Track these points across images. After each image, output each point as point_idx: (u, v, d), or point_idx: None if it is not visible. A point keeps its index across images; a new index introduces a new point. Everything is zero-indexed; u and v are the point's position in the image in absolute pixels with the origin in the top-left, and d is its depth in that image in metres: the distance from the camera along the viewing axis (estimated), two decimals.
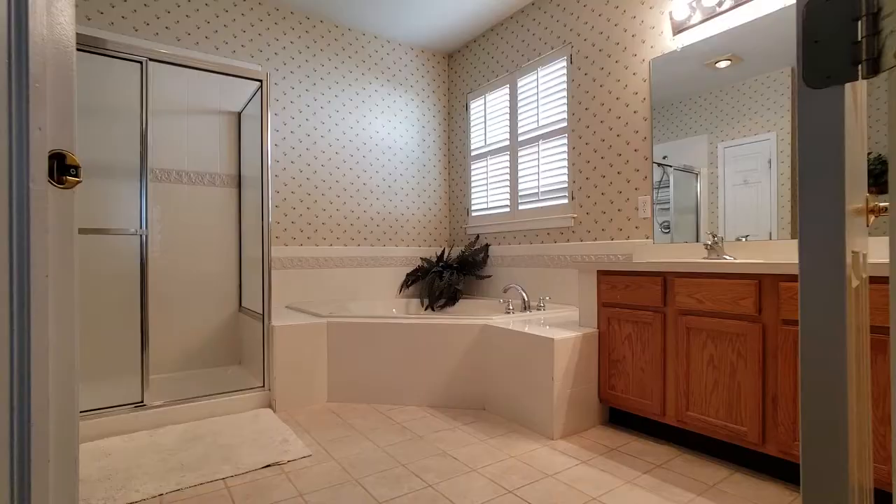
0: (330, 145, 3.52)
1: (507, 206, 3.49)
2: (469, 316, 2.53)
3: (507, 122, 3.49)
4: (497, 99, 3.61)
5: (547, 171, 3.17)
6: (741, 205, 2.20)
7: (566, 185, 3.03)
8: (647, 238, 2.56)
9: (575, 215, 2.96)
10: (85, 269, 2.61)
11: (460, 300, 3.57)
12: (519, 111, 3.39)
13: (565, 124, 3.04)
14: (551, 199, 3.14)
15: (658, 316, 1.94)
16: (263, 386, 2.44)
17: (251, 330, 2.84)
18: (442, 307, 3.56)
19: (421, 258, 3.90)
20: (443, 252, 3.86)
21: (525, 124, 3.33)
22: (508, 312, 2.80)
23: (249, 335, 2.89)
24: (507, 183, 3.48)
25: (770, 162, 2.11)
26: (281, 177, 3.31)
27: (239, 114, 3.15)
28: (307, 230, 3.41)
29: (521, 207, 3.37)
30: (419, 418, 2.28)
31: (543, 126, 3.19)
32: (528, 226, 3.29)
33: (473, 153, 3.84)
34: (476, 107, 3.83)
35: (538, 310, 2.85)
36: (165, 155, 2.88)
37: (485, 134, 3.71)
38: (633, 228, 2.64)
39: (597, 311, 2.21)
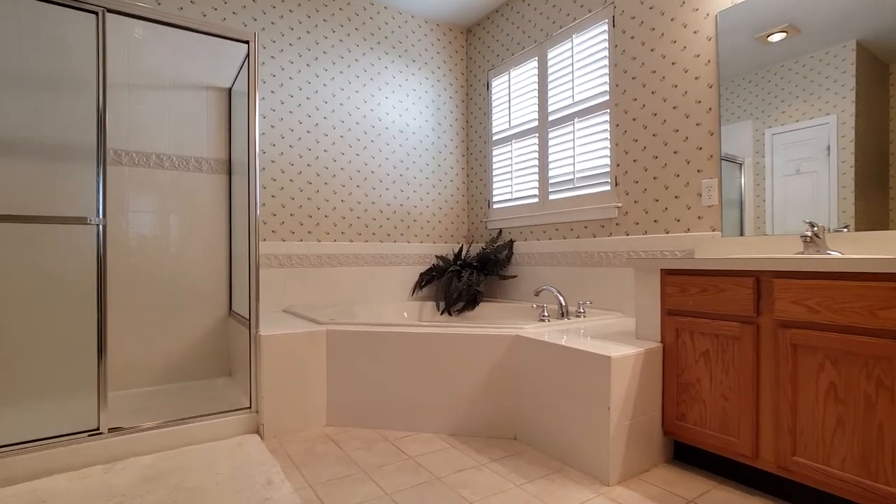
0: (334, 128, 3.11)
1: (534, 195, 3.05)
2: (495, 324, 2.09)
3: (536, 100, 3.04)
4: (523, 74, 3.17)
5: (584, 153, 2.72)
6: (793, 196, 1.89)
7: (608, 168, 2.58)
8: (714, 230, 2.10)
9: (620, 204, 2.51)
10: (40, 267, 2.22)
11: (481, 303, 3.14)
12: (550, 87, 2.95)
13: (606, 98, 2.59)
14: (590, 186, 2.69)
15: (748, 328, 1.48)
16: (250, 407, 2.04)
17: (240, 338, 2.45)
18: (460, 311, 3.13)
19: (436, 256, 3.48)
20: (461, 249, 3.43)
21: (557, 101, 2.89)
22: (543, 320, 2.36)
23: (238, 344, 2.50)
24: (536, 169, 3.04)
25: (829, 148, 1.81)
26: (278, 162, 2.92)
27: (229, 90, 2.75)
28: (308, 223, 3.01)
29: (551, 197, 2.93)
30: (437, 451, 1.86)
31: (580, 102, 2.74)
32: (560, 218, 2.84)
33: (496, 137, 3.41)
34: (499, 85, 3.40)
35: (578, 317, 2.41)
36: (143, 136, 2.50)
37: (509, 115, 3.27)
38: (694, 219, 2.19)
39: (660, 321, 1.76)
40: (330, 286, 3.06)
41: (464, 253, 3.55)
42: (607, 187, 2.59)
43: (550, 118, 2.93)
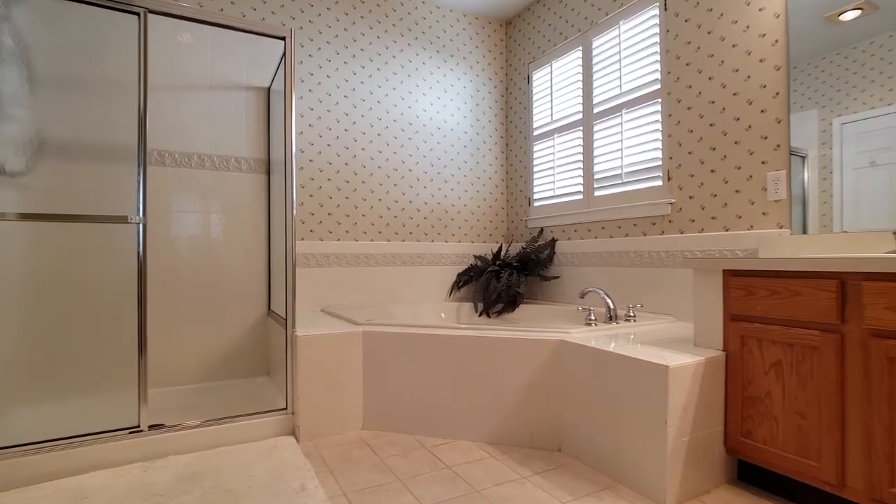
0: (371, 126, 3.07)
1: (578, 192, 2.90)
2: (538, 328, 1.98)
3: (580, 92, 2.89)
4: (566, 66, 3.03)
5: (633, 146, 2.56)
6: (866, 190, 1.68)
7: (660, 162, 2.41)
8: (782, 228, 1.90)
9: (673, 200, 2.34)
10: (85, 266, 2.28)
11: (521, 305, 3.02)
12: (595, 77, 2.79)
13: (658, 87, 2.41)
14: (639, 181, 2.52)
15: (831, 338, 1.31)
16: (286, 408, 2.01)
17: (278, 338, 2.44)
18: (499, 313, 3.02)
19: (474, 256, 3.38)
20: (500, 249, 3.32)
21: (603, 92, 2.73)
22: (589, 324, 2.22)
23: (276, 344, 2.49)
24: (580, 165, 2.89)
25: None
26: (316, 162, 2.90)
27: (268, 89, 2.76)
28: (345, 223, 2.98)
29: (597, 193, 2.77)
30: (475, 461, 1.76)
31: (627, 92, 2.58)
32: (606, 215, 2.68)
33: (537, 132, 3.28)
34: (540, 78, 3.26)
35: (627, 321, 2.25)
36: (185, 137, 2.53)
37: (551, 108, 3.14)
38: (758, 215, 1.99)
39: (722, 327, 1.60)
40: (367, 286, 3.02)
41: (503, 252, 3.43)
42: (659, 182, 2.41)
43: (596, 110, 2.78)
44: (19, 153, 2.11)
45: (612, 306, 2.33)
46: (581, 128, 2.88)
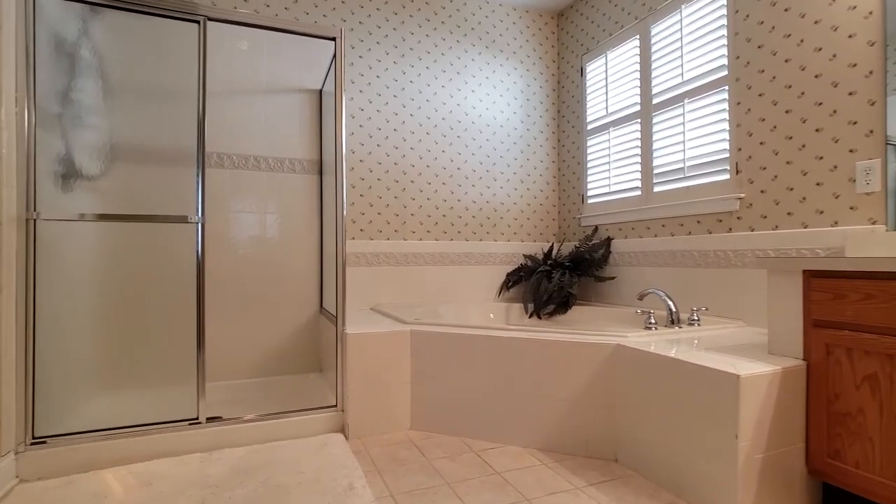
0: (420, 125, 3.07)
1: (636, 188, 2.75)
2: (592, 331, 1.88)
3: (637, 83, 2.74)
4: (622, 56, 2.88)
5: (696, 138, 2.39)
6: None
7: (727, 154, 2.23)
8: (874, 223, 1.70)
9: (743, 195, 2.15)
10: (151, 264, 2.41)
11: (573, 306, 2.90)
12: (653, 66, 2.63)
13: (725, 73, 2.24)
14: (703, 175, 2.35)
15: None
16: (336, 405, 2.03)
17: (329, 335, 2.47)
18: (550, 315, 2.92)
19: (524, 255, 3.30)
20: (551, 248, 3.22)
21: (663, 82, 2.57)
22: (649, 327, 2.09)
23: (327, 341, 2.53)
24: (638, 159, 2.74)
25: None
26: (366, 162, 2.93)
27: (320, 91, 2.81)
28: (394, 222, 2.99)
29: (656, 189, 2.61)
30: (525, 467, 1.69)
31: (690, 80, 2.41)
32: (667, 212, 2.52)
33: (590, 126, 3.14)
34: (594, 70, 3.13)
35: (691, 325, 2.10)
36: (242, 139, 2.62)
37: (606, 101, 3.00)
38: (844, 210, 1.79)
39: (803, 334, 1.44)
40: (416, 285, 3.01)
41: (554, 252, 3.32)
42: (726, 176, 2.23)
43: (655, 101, 2.62)
44: (95, 158, 2.27)
45: (673, 309, 2.18)
46: (639, 120, 2.73)
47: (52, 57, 1.84)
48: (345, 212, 2.08)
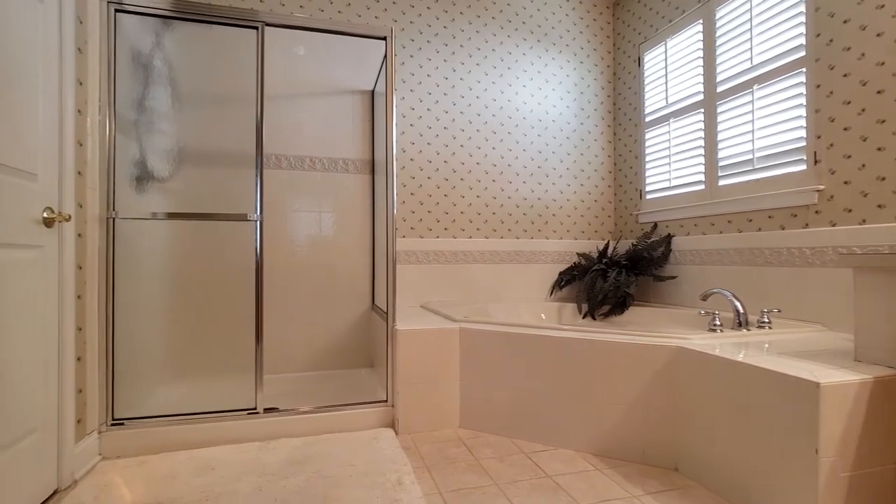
0: (470, 122, 3.05)
1: (699, 182, 2.59)
2: (652, 332, 1.78)
3: (700, 70, 2.58)
4: (683, 43, 2.72)
5: (767, 126, 2.21)
6: None
7: (803, 143, 2.05)
8: None
9: (822, 187, 1.97)
10: (214, 260, 2.55)
11: (630, 307, 2.78)
12: (718, 52, 2.47)
13: (801, 54, 2.05)
14: (775, 166, 2.17)
15: None
16: (387, 401, 2.05)
17: (380, 331, 2.51)
18: (606, 315, 2.81)
19: (578, 254, 3.20)
20: (606, 246, 3.09)
21: (728, 68, 2.40)
22: (714, 329, 1.96)
23: (378, 337, 2.57)
24: (701, 151, 2.58)
25: None
26: (416, 161, 2.95)
27: (372, 92, 2.86)
28: (444, 220, 2.99)
29: (722, 183, 2.45)
30: (579, 472, 1.63)
31: (760, 65, 2.23)
32: (734, 207, 2.35)
33: (649, 118, 3.00)
34: (652, 59, 2.98)
35: (761, 327, 1.94)
36: (298, 141, 2.72)
37: (665, 91, 2.84)
38: None
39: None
40: (466, 283, 3.00)
41: (610, 250, 3.20)
42: (802, 166, 2.05)
43: (720, 89, 2.45)
44: (165, 162, 2.43)
45: (741, 310, 2.02)
46: (702, 110, 2.57)
47: (129, 68, 1.98)
48: (395, 210, 2.10)
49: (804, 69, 2.04)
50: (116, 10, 1.79)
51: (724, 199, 2.40)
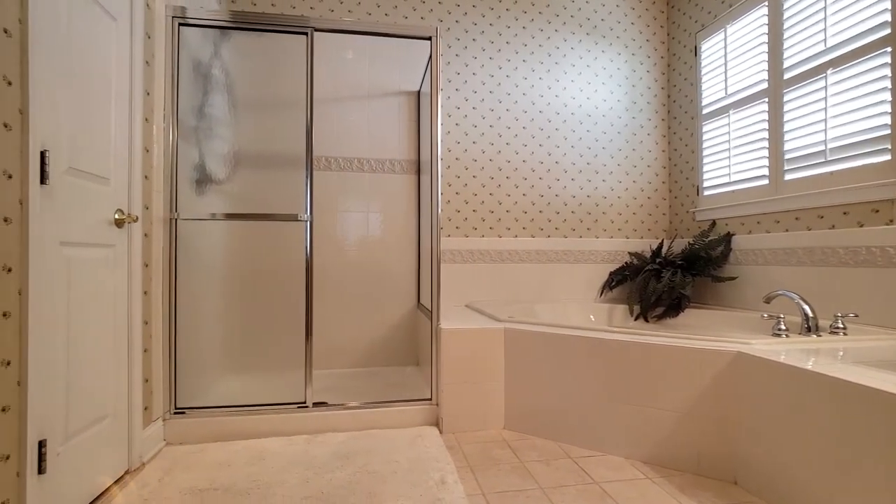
0: (516, 119, 3.01)
1: (763, 176, 2.42)
2: (709, 337, 1.68)
3: (765, 56, 2.41)
4: (745, 28, 2.55)
5: (842, 114, 2.03)
6: None
7: (887, 131, 1.86)
8: None
9: None
10: (266, 258, 2.66)
11: (686, 309, 2.64)
12: (785, 36, 2.29)
13: (886, 31, 1.87)
14: (853, 157, 1.99)
15: None
16: (431, 399, 2.06)
17: (425, 330, 2.53)
18: (659, 318, 2.68)
19: (629, 253, 3.08)
20: (660, 245, 2.96)
21: (797, 52, 2.23)
22: (779, 334, 1.82)
23: (423, 336, 2.58)
24: (765, 143, 2.41)
25: None
26: (461, 160, 2.94)
27: (418, 92, 2.89)
28: (489, 219, 2.97)
29: (788, 177, 2.27)
30: (628, 480, 1.57)
31: (835, 47, 2.05)
32: (802, 203, 2.18)
33: (706, 110, 2.84)
34: (710, 48, 2.82)
35: (834, 333, 1.79)
36: (347, 143, 2.78)
37: (725, 81, 2.68)
38: None
39: None
40: (511, 283, 2.96)
41: (664, 249, 3.05)
42: (885, 157, 1.87)
43: (787, 76, 2.28)
44: (223, 165, 2.56)
45: (810, 314, 1.87)
46: (766, 99, 2.40)
47: (190, 77, 2.10)
48: (440, 210, 2.11)
49: (889, 48, 1.86)
50: (180, 24, 1.91)
51: (791, 194, 2.23)
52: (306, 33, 1.98)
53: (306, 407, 1.94)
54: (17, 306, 1.12)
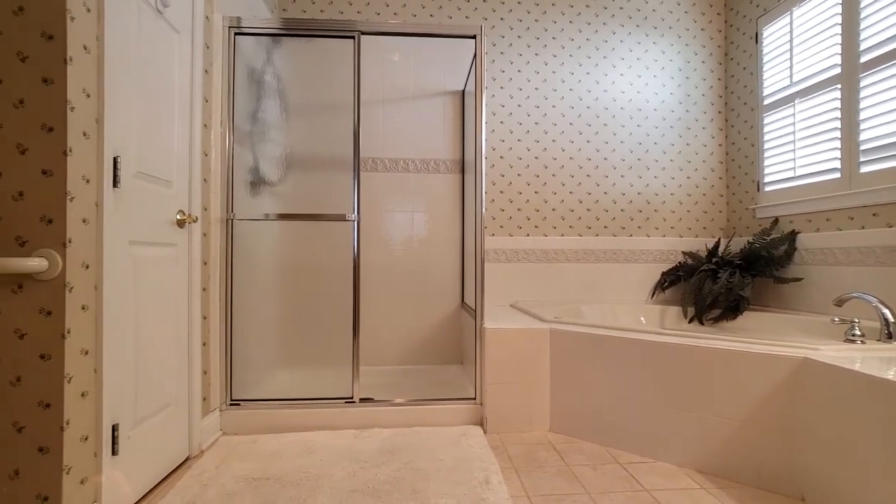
0: (563, 115, 2.95)
1: (833, 169, 2.25)
2: (771, 341, 1.58)
3: (838, 40, 2.23)
4: (814, 10, 2.38)
5: None
6: None
7: None
8: None
9: None
10: (316, 257, 2.74)
11: (745, 312, 2.49)
12: (862, 15, 2.12)
13: None
14: None
15: None
16: (475, 398, 2.06)
17: (469, 329, 2.52)
18: (715, 320, 2.55)
19: (683, 252, 2.94)
20: (716, 244, 2.81)
21: (877, 32, 2.05)
22: (852, 340, 1.68)
23: (467, 335, 2.58)
24: (836, 134, 2.23)
25: None
26: (506, 158, 2.92)
27: (462, 92, 2.89)
28: (534, 218, 2.92)
29: (864, 170, 2.10)
30: (680, 489, 1.50)
31: None
32: (880, 197, 2.01)
33: (768, 100, 2.66)
34: (773, 34, 2.64)
35: None
36: (393, 144, 2.83)
37: (790, 68, 2.51)
38: None
39: None
40: (557, 283, 2.90)
41: (721, 248, 2.89)
42: None
43: (863, 59, 2.10)
44: (275, 168, 2.66)
45: (890, 319, 1.71)
46: (838, 85, 2.22)
47: (245, 84, 2.20)
48: (484, 209, 2.09)
49: None
50: (236, 34, 2.00)
51: (868, 188, 2.06)
52: (353, 37, 2.03)
53: (353, 402, 1.99)
54: (93, 300, 1.22)
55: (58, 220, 1.12)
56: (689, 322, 2.63)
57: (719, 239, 2.90)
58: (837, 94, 2.23)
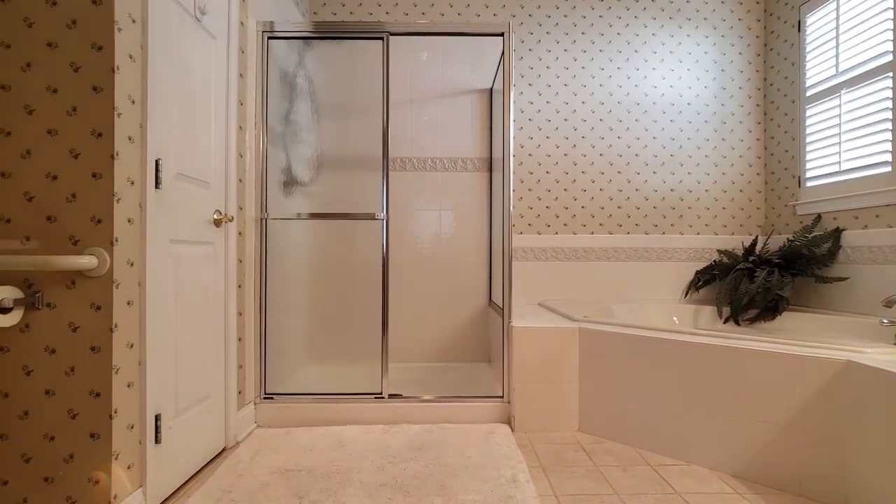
0: (592, 112, 2.90)
1: (884, 163, 2.14)
2: (812, 343, 1.52)
3: (890, 25, 2.12)
4: None
5: None
6: None
7: None
8: None
9: None
10: (346, 255, 2.79)
11: (784, 312, 2.40)
12: None
13: None
14: None
15: None
16: (502, 397, 2.06)
17: (497, 328, 2.52)
18: (752, 320, 2.46)
19: (718, 251, 2.85)
20: (754, 242, 2.71)
21: None
22: None
23: (495, 333, 2.58)
24: (888, 125, 2.12)
25: None
26: (535, 155, 2.90)
27: (490, 90, 2.88)
28: (563, 216, 2.89)
29: None
30: (714, 494, 1.46)
31: None
32: None
33: (811, 91, 2.55)
34: (817, 21, 2.53)
35: None
36: (421, 143, 2.85)
37: (836, 57, 2.39)
38: None
39: None
40: (586, 282, 2.87)
41: (759, 246, 2.80)
42: None
43: None
44: (308, 168, 2.73)
45: None
46: (889, 74, 2.11)
47: (277, 86, 2.26)
48: (512, 207, 2.09)
49: None
50: (269, 38, 2.06)
51: None
52: (382, 38, 2.05)
53: (382, 398, 2.02)
54: (137, 296, 1.28)
55: (106, 220, 1.19)
56: (725, 322, 2.55)
57: (756, 237, 2.80)
58: (889, 82, 2.12)
